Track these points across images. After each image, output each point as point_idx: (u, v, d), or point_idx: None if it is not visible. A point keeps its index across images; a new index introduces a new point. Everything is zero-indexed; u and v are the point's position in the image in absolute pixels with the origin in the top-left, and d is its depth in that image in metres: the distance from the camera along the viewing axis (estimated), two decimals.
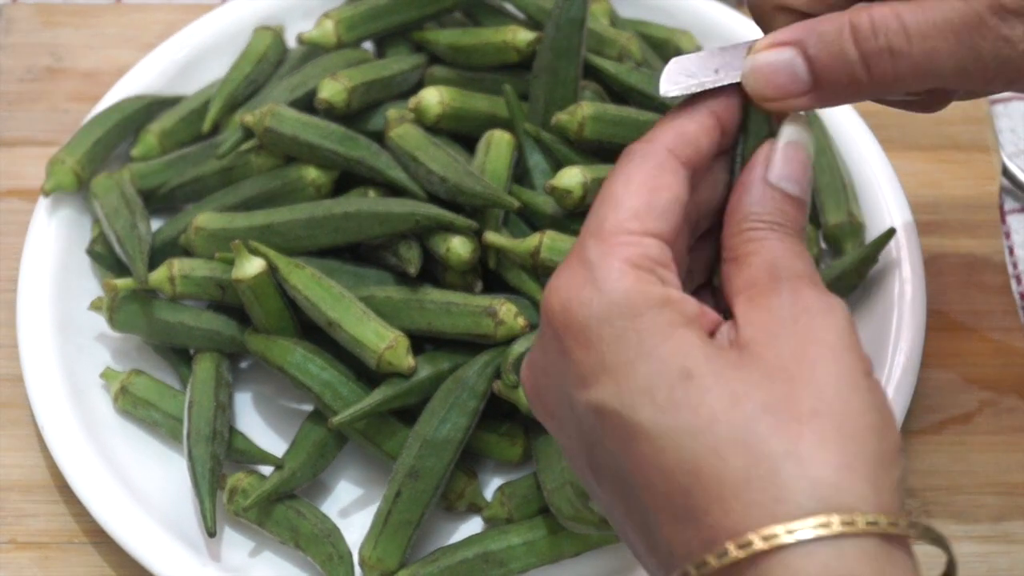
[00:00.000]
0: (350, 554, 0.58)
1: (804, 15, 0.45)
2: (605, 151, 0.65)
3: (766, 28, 0.46)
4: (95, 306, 0.64)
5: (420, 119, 0.66)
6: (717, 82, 0.45)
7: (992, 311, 0.68)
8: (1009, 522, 0.62)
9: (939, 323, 0.67)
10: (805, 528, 0.37)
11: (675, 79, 0.45)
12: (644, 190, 0.43)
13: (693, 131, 0.45)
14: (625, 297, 0.41)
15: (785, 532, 0.37)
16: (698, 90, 0.45)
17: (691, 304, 0.42)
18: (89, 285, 0.67)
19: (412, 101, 0.67)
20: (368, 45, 0.73)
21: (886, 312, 0.64)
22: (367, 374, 0.61)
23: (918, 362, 0.62)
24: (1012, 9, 0.43)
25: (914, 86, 0.44)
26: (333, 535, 0.59)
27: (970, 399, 0.65)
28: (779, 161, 0.44)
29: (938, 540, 0.40)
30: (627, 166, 0.44)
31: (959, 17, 0.43)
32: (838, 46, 0.43)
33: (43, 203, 0.68)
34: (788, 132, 0.45)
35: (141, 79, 0.72)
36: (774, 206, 0.44)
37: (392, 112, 0.67)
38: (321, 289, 0.61)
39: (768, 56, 0.43)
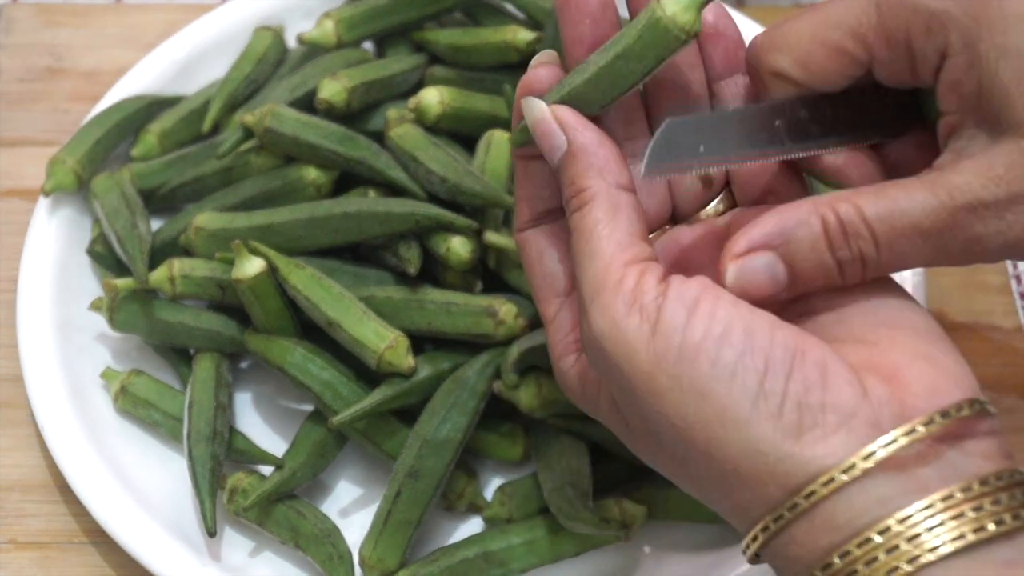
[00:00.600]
0: (350, 554, 0.58)
1: (797, 83, 0.46)
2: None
3: (758, 87, 0.47)
4: (95, 306, 0.64)
5: (420, 119, 0.66)
6: (700, 166, 0.46)
7: (992, 311, 0.68)
8: None
9: (939, 323, 0.67)
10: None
11: (659, 158, 0.45)
12: (536, 265, 0.50)
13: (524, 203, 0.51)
14: (571, 398, 0.50)
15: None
16: (679, 175, 0.47)
17: None
18: (89, 285, 0.67)
19: (412, 101, 0.67)
20: (368, 45, 0.73)
21: None
22: (367, 374, 0.61)
23: None
24: (989, 203, 0.42)
25: (880, 277, 0.45)
26: (333, 535, 0.59)
27: None
28: (540, 145, 0.47)
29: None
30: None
31: (929, 220, 0.43)
32: (815, 253, 0.43)
33: (43, 203, 0.68)
34: (527, 117, 0.48)
35: (141, 79, 0.72)
36: (563, 185, 0.47)
37: (392, 112, 0.67)
38: (321, 289, 0.61)
39: (748, 261, 0.43)
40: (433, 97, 0.67)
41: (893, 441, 0.40)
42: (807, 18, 0.46)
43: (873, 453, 0.40)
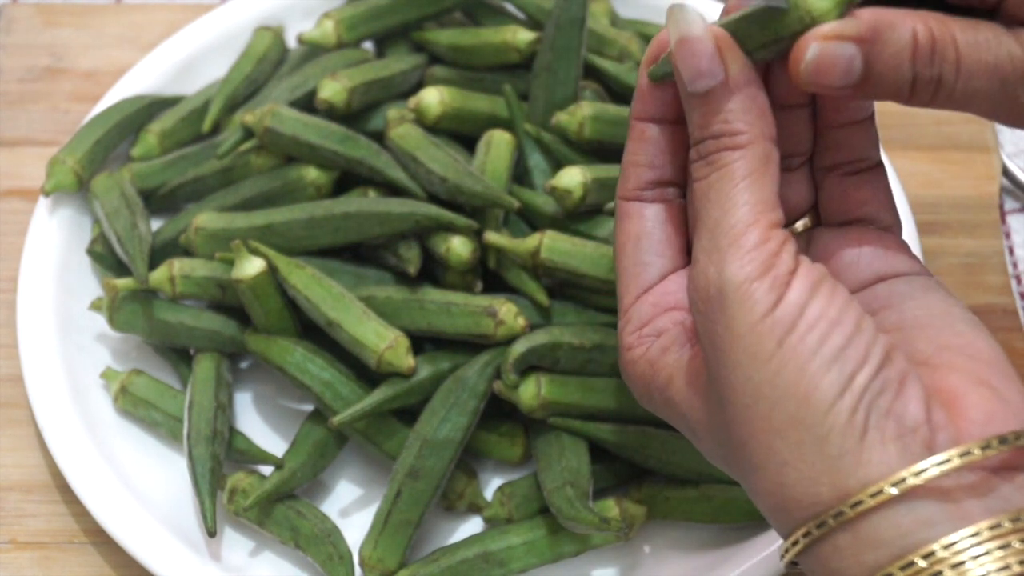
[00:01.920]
0: (350, 554, 0.58)
1: None
2: (605, 151, 0.65)
3: None
4: (95, 306, 0.64)
5: (420, 119, 0.66)
6: None
7: (992, 311, 0.68)
8: None
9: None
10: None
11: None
12: (618, 262, 0.48)
13: (631, 169, 0.48)
14: (639, 387, 0.49)
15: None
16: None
17: (670, 344, 0.47)
18: (89, 285, 0.67)
19: (412, 101, 0.67)
20: (368, 45, 0.73)
21: None
22: (367, 374, 0.61)
23: None
24: None
25: (942, 108, 0.44)
26: (333, 535, 0.59)
27: None
28: (680, 66, 0.43)
29: None
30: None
31: (1011, 65, 0.42)
32: (897, 60, 0.42)
33: (43, 203, 0.68)
34: (672, 29, 0.44)
35: (141, 79, 0.72)
36: (701, 120, 0.44)
37: (392, 112, 0.67)
38: (321, 289, 0.61)
39: (833, 48, 0.42)
40: (433, 97, 0.67)
41: (947, 460, 0.39)
42: None
43: (925, 470, 0.39)
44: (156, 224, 0.68)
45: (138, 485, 0.61)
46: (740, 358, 0.42)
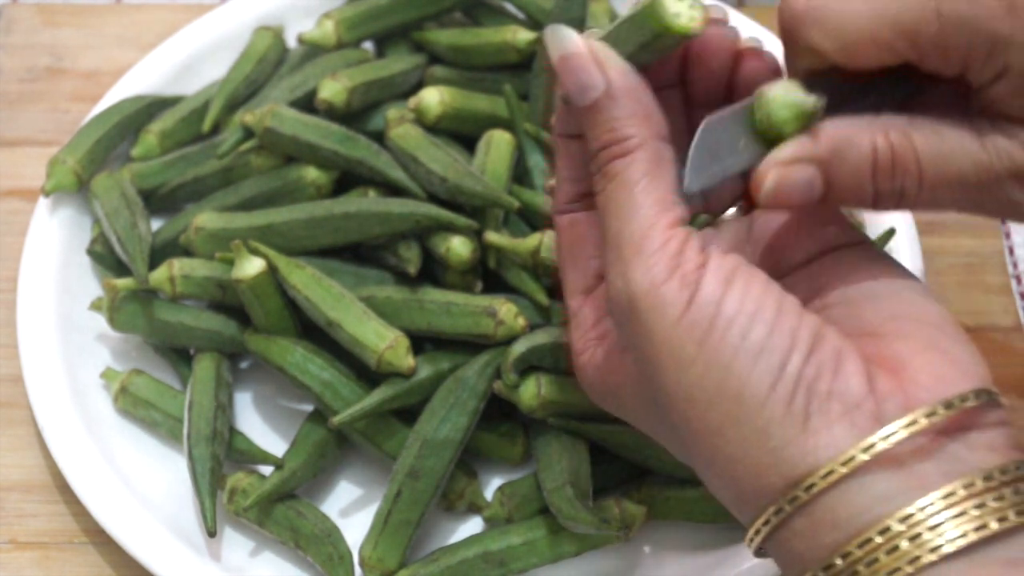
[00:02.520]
0: (350, 554, 0.58)
1: (832, 63, 0.43)
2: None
3: (790, 57, 0.45)
4: (95, 306, 0.64)
5: (420, 119, 0.66)
6: (741, 164, 0.43)
7: (992, 311, 0.68)
8: None
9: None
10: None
11: (702, 167, 0.43)
12: (568, 256, 0.49)
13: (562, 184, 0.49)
14: (589, 394, 0.49)
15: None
16: (718, 180, 0.44)
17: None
18: (89, 285, 0.67)
19: (412, 101, 0.67)
20: (368, 45, 0.73)
21: None
22: (367, 374, 0.61)
23: None
24: None
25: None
26: (333, 535, 0.59)
27: None
28: (566, 84, 0.44)
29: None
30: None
31: (974, 175, 0.42)
32: (857, 177, 0.42)
33: (43, 203, 0.68)
34: (552, 50, 0.44)
35: (141, 79, 0.73)
36: (592, 131, 0.44)
37: (392, 112, 0.67)
38: (321, 289, 0.61)
39: (792, 173, 0.42)
40: (433, 97, 0.67)
41: (893, 434, 0.39)
42: (858, 5, 0.42)
43: (873, 445, 0.39)
44: (156, 224, 0.68)
45: (138, 485, 0.61)
46: (665, 363, 0.41)
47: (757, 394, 0.40)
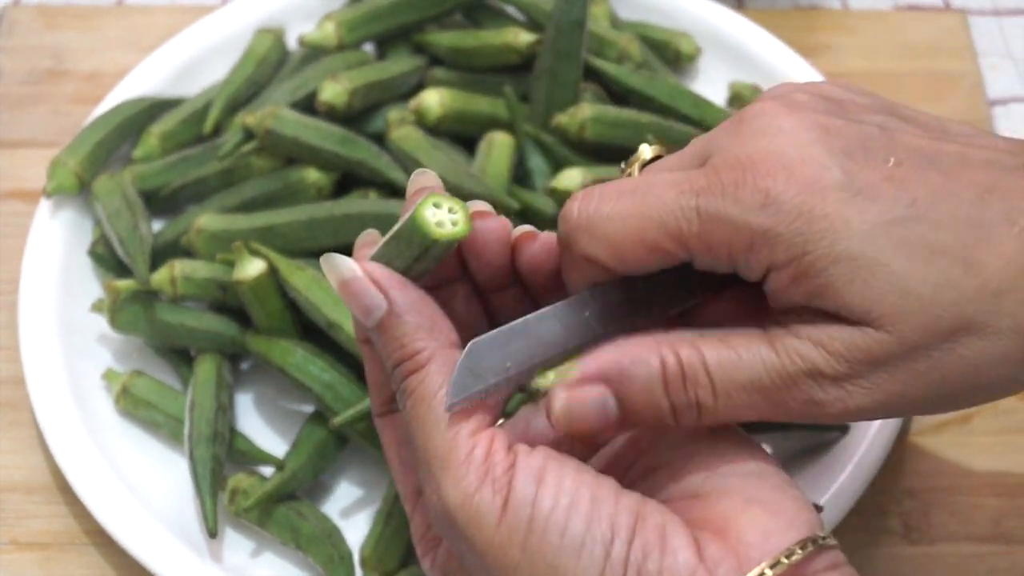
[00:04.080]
0: (351, 555, 0.59)
1: (609, 270, 0.43)
2: (605, 152, 0.65)
3: (567, 272, 0.45)
4: (97, 307, 0.64)
5: (421, 121, 0.67)
6: (506, 383, 0.43)
7: None
8: (1009, 522, 0.62)
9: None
10: None
11: (463, 389, 0.42)
12: (394, 457, 0.48)
13: (374, 387, 0.49)
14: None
15: None
16: (484, 398, 0.43)
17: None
18: (91, 286, 0.67)
19: (413, 103, 0.67)
20: (369, 47, 0.73)
21: None
22: None
23: None
24: (829, 376, 0.41)
25: (716, 425, 0.44)
26: (334, 536, 0.59)
27: None
28: (352, 310, 0.44)
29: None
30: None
31: (769, 379, 0.42)
32: (649, 394, 0.42)
33: (45, 205, 0.68)
34: (331, 279, 0.44)
35: (143, 81, 0.73)
36: (385, 351, 0.44)
37: (393, 114, 0.67)
38: (322, 291, 0.61)
39: (580, 394, 0.42)
40: (434, 99, 0.67)
41: None
42: (623, 209, 0.42)
43: None
44: (157, 225, 0.68)
45: (139, 486, 0.61)
46: (493, 570, 0.41)
47: None
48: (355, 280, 0.44)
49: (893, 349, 0.40)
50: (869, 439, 0.60)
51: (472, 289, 0.47)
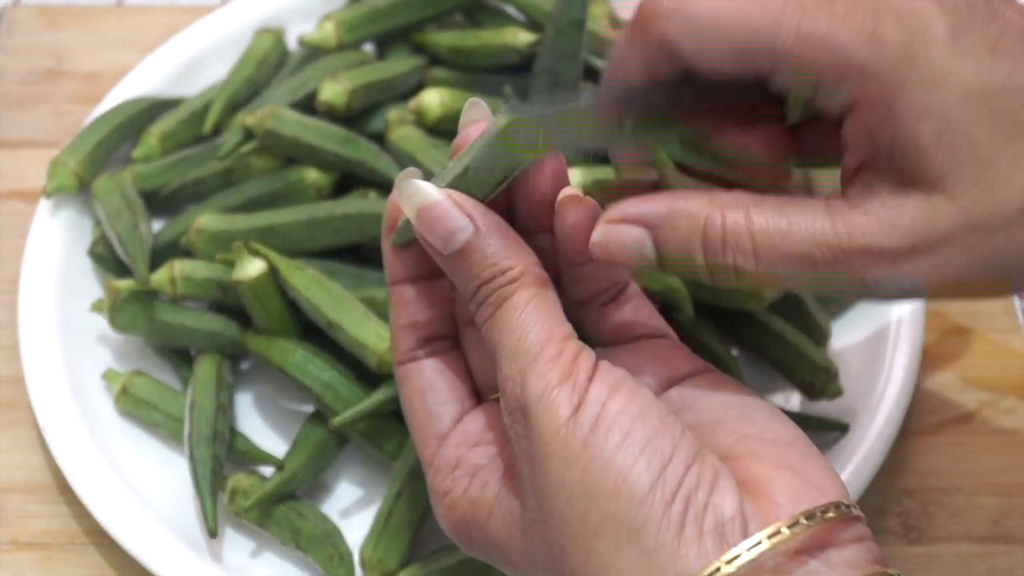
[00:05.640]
0: (351, 555, 0.59)
1: (678, 63, 0.43)
2: (606, 153, 0.65)
3: (621, 60, 0.45)
4: (96, 307, 0.64)
5: (421, 121, 0.67)
6: (533, 161, 0.43)
7: (992, 312, 0.68)
8: (1009, 522, 0.62)
9: (939, 324, 0.68)
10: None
11: (494, 154, 0.43)
12: (411, 418, 0.48)
13: (399, 332, 0.48)
14: (459, 533, 0.47)
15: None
16: (511, 174, 0.44)
17: (488, 476, 0.46)
18: (90, 286, 0.67)
19: (413, 103, 0.67)
20: (369, 47, 0.73)
21: (885, 313, 0.64)
22: (368, 375, 0.61)
23: (917, 363, 0.63)
24: (888, 253, 0.40)
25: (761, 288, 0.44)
26: (334, 536, 0.59)
27: (969, 400, 0.66)
28: (429, 236, 0.44)
29: None
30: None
31: (819, 252, 0.41)
32: (688, 249, 0.42)
33: (45, 204, 0.68)
34: (406, 206, 0.44)
35: (142, 81, 0.73)
36: (468, 273, 0.44)
37: (393, 114, 0.67)
38: (322, 291, 0.61)
39: (618, 232, 0.43)
40: (433, 99, 0.67)
41: (757, 544, 0.39)
42: (724, 6, 0.42)
43: (737, 556, 0.39)
44: (157, 225, 0.68)
45: (139, 486, 0.61)
46: (550, 464, 0.41)
47: (636, 491, 0.40)
48: (439, 204, 0.44)
49: (960, 223, 0.40)
50: (869, 439, 0.60)
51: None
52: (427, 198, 0.44)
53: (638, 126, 0.44)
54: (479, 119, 0.46)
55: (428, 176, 0.45)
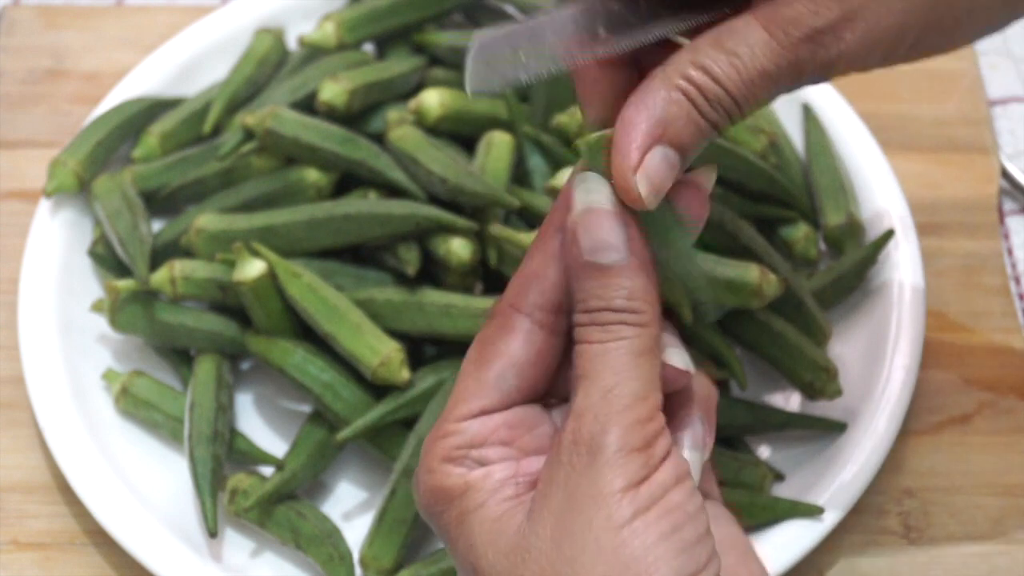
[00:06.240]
0: (351, 554, 0.59)
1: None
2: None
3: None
4: (97, 307, 0.64)
5: (420, 121, 0.67)
6: (526, 74, 0.43)
7: (991, 312, 0.68)
8: (1009, 522, 0.62)
9: (938, 324, 0.67)
10: None
11: (481, 76, 0.43)
12: (474, 368, 0.45)
13: (535, 282, 0.45)
14: (429, 497, 0.44)
15: None
16: (501, 88, 0.44)
17: (497, 474, 0.44)
18: (90, 286, 0.67)
19: (412, 103, 0.67)
20: (369, 47, 0.73)
21: (885, 313, 0.64)
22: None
23: (917, 363, 0.63)
24: (827, 27, 0.42)
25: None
26: (334, 536, 0.59)
27: (969, 400, 0.66)
28: (582, 235, 0.43)
29: None
30: (477, 336, 0.46)
31: (774, 64, 0.42)
32: (693, 125, 0.43)
33: (45, 205, 0.68)
34: (579, 196, 0.44)
35: (142, 81, 0.73)
36: (599, 291, 0.43)
37: (393, 114, 0.67)
38: (317, 300, 0.61)
39: (651, 163, 0.43)
40: (433, 99, 0.67)
41: None
42: None
43: None
44: (157, 225, 0.68)
45: (139, 486, 0.61)
46: (592, 518, 0.41)
47: None
48: (608, 213, 0.43)
49: None
50: (869, 439, 0.60)
51: None
52: (602, 202, 0.43)
53: (609, 31, 0.44)
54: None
55: (425, 175, 0.45)
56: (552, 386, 0.46)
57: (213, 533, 0.58)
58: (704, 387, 0.47)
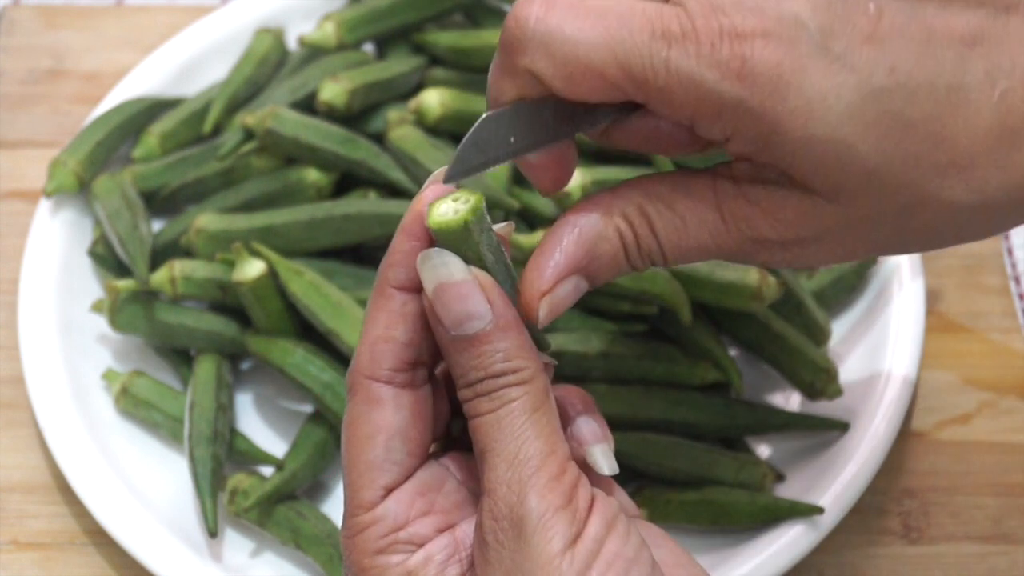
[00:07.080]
0: None
1: (547, 89, 0.41)
2: (605, 153, 0.65)
3: (499, 80, 0.43)
4: (96, 307, 0.64)
5: (420, 121, 0.67)
6: (511, 154, 0.42)
7: (991, 312, 0.68)
8: (1008, 522, 0.62)
9: (938, 324, 0.67)
10: None
11: (468, 159, 0.41)
12: (358, 451, 0.43)
13: (385, 348, 0.43)
14: None
15: None
16: (488, 169, 0.42)
17: (437, 555, 0.42)
18: (90, 286, 0.67)
19: (413, 103, 0.67)
20: (369, 47, 0.73)
21: (885, 313, 0.64)
22: None
23: (917, 363, 0.63)
24: (776, 242, 0.42)
25: None
26: (334, 536, 0.59)
27: (969, 400, 0.66)
28: (442, 312, 0.41)
29: None
30: (344, 421, 0.44)
31: (715, 245, 0.42)
32: (615, 266, 0.43)
33: (45, 204, 0.68)
34: (427, 275, 0.41)
35: (142, 81, 0.73)
36: (475, 361, 0.41)
37: (393, 114, 0.67)
38: (320, 297, 0.61)
39: (559, 293, 0.42)
40: (433, 99, 0.67)
41: None
42: (588, 34, 0.40)
43: None
44: (157, 225, 0.68)
45: (139, 486, 0.61)
46: None
47: None
48: (463, 284, 0.41)
49: (845, 221, 0.41)
50: (869, 439, 0.60)
51: None
52: (452, 274, 0.41)
53: (557, 122, 0.43)
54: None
55: (424, 176, 0.45)
56: (436, 431, 0.45)
57: (213, 533, 0.58)
58: (571, 391, 0.46)
